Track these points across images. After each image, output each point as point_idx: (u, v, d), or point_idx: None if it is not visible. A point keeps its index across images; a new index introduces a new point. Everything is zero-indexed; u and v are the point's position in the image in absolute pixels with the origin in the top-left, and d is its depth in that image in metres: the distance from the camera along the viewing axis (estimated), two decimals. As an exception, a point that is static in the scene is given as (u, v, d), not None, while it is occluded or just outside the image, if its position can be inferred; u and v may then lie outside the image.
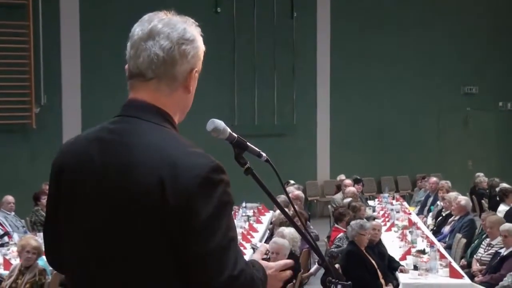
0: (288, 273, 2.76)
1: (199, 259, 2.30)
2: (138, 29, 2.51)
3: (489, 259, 10.34)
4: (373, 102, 21.23)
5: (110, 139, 2.45)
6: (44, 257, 9.94)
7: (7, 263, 9.89)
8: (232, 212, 2.41)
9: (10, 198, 13.81)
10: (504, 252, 9.92)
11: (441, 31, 21.88)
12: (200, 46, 2.56)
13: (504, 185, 16.50)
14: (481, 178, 17.98)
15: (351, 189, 15.38)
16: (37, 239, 9.56)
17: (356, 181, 16.98)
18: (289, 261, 2.80)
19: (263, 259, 2.79)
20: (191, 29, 2.53)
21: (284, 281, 2.76)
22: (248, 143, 2.71)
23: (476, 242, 11.37)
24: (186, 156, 2.34)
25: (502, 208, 13.98)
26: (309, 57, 20.80)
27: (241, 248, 10.40)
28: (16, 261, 9.41)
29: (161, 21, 2.50)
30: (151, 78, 2.49)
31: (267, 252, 9.40)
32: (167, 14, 2.54)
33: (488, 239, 10.71)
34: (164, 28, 2.48)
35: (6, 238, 12.57)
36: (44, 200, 14.07)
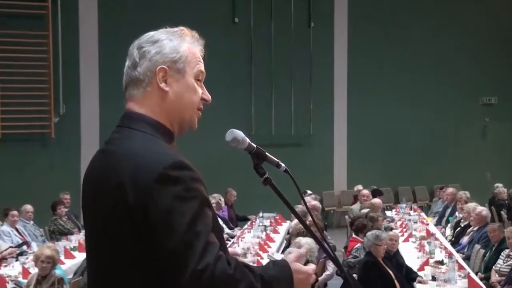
0: (314, 278, 2.70)
1: (162, 255, 2.31)
2: None
3: (508, 270, 10.28)
4: (390, 112, 21.19)
5: (104, 149, 2.57)
6: (61, 265, 10.06)
7: (26, 272, 9.96)
8: (203, 208, 2.35)
9: (28, 207, 13.89)
10: (523, 264, 9.90)
11: (460, 42, 21.83)
12: (169, 44, 2.55)
13: (524, 195, 16.49)
14: (500, 189, 17.90)
15: (375, 201, 15.28)
16: (53, 248, 9.62)
17: (377, 193, 16.89)
18: (314, 266, 2.73)
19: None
20: (163, 33, 2.58)
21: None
22: (267, 153, 2.72)
23: (487, 255, 11.27)
24: (148, 155, 2.37)
25: (521, 219, 13.96)
26: (326, 67, 20.81)
27: (258, 258, 10.45)
28: (34, 270, 9.46)
29: (145, 34, 2.61)
30: (125, 87, 2.59)
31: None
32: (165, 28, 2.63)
33: (507, 250, 10.65)
34: (136, 42, 2.59)
35: (25, 247, 12.64)
36: (60, 210, 14.21)
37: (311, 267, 2.64)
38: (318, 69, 20.54)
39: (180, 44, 2.56)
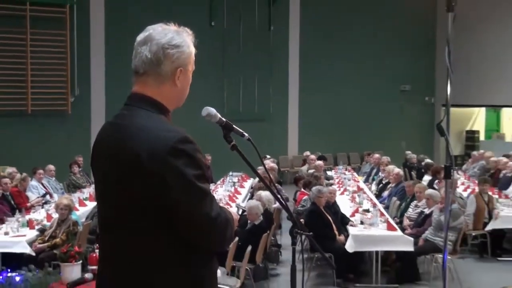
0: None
1: (179, 210, 2.33)
2: (139, 37, 2.53)
3: (416, 216, 10.42)
4: (333, 95, 21.35)
5: (115, 123, 2.51)
6: (76, 212, 10.06)
7: (49, 217, 9.95)
8: (204, 173, 2.40)
9: (51, 166, 13.96)
10: (427, 211, 10.02)
11: (385, 43, 22.03)
12: (187, 50, 2.51)
13: (428, 160, 16.67)
14: (411, 155, 18.12)
15: (318, 163, 15.41)
16: (70, 198, 9.65)
17: (322, 158, 17.01)
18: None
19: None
20: (180, 36, 2.51)
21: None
22: (234, 125, 2.71)
23: (403, 205, 11.42)
24: (160, 131, 2.36)
25: (426, 178, 14.10)
26: (282, 60, 20.87)
27: (227, 206, 10.50)
28: (56, 215, 9.45)
29: (156, 30, 2.50)
30: (142, 73, 2.50)
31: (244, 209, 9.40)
32: (167, 25, 2.53)
33: (415, 201, 10.80)
34: (156, 36, 2.47)
35: (48, 197, 12.65)
36: (73, 168, 14.59)
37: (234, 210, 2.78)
38: (276, 62, 20.57)
39: (191, 49, 2.54)
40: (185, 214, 2.34)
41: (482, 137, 24.37)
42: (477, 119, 24.81)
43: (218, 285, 2.61)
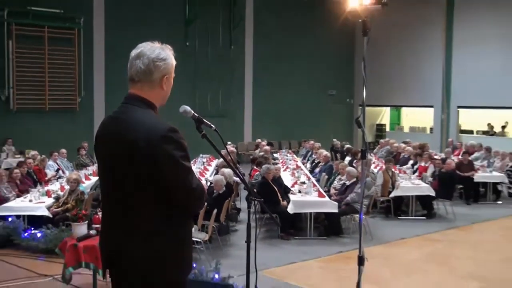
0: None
1: (170, 182, 2.32)
2: (132, 52, 2.50)
3: (340, 187, 10.56)
4: (278, 98, 21.44)
5: (116, 117, 2.47)
6: (82, 184, 9.91)
7: (62, 188, 9.82)
8: (187, 154, 2.38)
9: (64, 150, 13.84)
10: (348, 183, 10.16)
11: (318, 59, 22.21)
12: (170, 62, 2.51)
13: (348, 145, 16.88)
14: (336, 141, 18.24)
15: (267, 147, 15.44)
16: (77, 174, 9.56)
17: (270, 144, 17.06)
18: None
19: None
20: (164, 51, 2.50)
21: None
22: (204, 119, 2.71)
23: (332, 178, 11.56)
24: (154, 124, 2.34)
25: (347, 159, 14.29)
26: (240, 71, 20.84)
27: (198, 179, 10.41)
28: (67, 187, 9.31)
29: (145, 47, 2.49)
30: (137, 81, 2.48)
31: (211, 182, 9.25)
32: (153, 43, 2.51)
33: (339, 176, 10.93)
34: (147, 52, 2.46)
35: (61, 173, 12.54)
36: (81, 151, 14.45)
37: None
38: (235, 72, 20.53)
39: (173, 61, 2.53)
40: (174, 185, 2.34)
41: (387, 128, 24.79)
42: (384, 115, 25.23)
43: (193, 238, 2.61)
